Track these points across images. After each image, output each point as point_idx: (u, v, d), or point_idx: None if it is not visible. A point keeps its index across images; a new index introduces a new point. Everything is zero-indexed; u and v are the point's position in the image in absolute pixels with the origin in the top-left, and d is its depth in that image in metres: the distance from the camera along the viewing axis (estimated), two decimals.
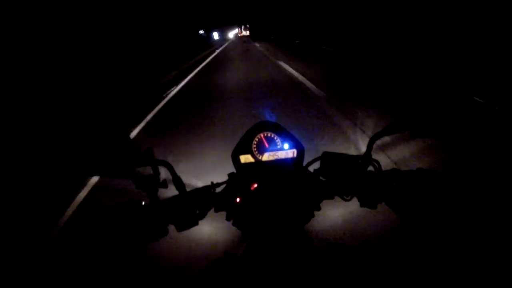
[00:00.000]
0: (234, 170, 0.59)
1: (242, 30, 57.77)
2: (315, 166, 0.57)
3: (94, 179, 2.29)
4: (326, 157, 0.55)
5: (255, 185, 0.55)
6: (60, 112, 4.24)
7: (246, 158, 0.57)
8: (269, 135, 0.57)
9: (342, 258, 0.50)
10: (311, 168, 0.58)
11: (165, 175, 0.51)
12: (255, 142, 0.57)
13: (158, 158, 0.48)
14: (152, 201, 0.49)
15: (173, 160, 0.89)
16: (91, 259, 0.43)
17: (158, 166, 0.50)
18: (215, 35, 34.59)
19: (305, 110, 3.51)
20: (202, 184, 0.55)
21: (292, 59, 8.22)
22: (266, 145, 0.57)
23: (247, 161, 0.57)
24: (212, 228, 1.40)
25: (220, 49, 16.66)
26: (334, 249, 0.53)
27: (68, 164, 0.43)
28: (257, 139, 0.57)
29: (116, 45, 9.25)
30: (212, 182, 0.56)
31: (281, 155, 0.57)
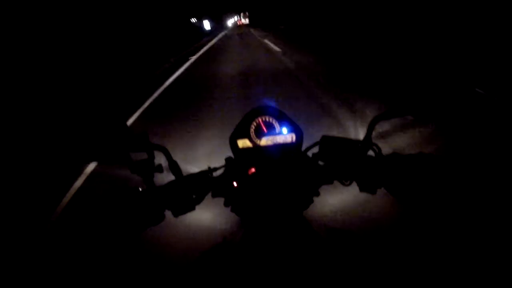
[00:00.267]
0: (231, 155, 0.58)
1: (242, 18, 55.91)
2: (314, 151, 0.56)
3: (91, 167, 2.28)
4: (325, 141, 0.54)
5: (253, 170, 0.54)
6: (56, 100, 4.18)
7: (244, 143, 0.56)
8: (268, 120, 0.56)
9: (342, 244, 0.50)
10: (310, 153, 0.57)
11: (164, 162, 0.51)
12: (253, 127, 0.56)
13: (154, 143, 0.48)
14: (149, 187, 0.49)
15: None
16: (89, 246, 0.43)
17: (155, 151, 0.49)
18: (206, 24, 26.46)
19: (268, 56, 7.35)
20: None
21: (273, 38, 12.52)
22: (265, 130, 0.56)
23: (245, 146, 0.56)
24: (211, 214, 1.41)
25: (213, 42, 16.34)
26: (333, 235, 0.53)
27: (64, 151, 0.42)
28: (255, 124, 0.55)
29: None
30: (209, 167, 0.55)
31: (280, 140, 0.56)
